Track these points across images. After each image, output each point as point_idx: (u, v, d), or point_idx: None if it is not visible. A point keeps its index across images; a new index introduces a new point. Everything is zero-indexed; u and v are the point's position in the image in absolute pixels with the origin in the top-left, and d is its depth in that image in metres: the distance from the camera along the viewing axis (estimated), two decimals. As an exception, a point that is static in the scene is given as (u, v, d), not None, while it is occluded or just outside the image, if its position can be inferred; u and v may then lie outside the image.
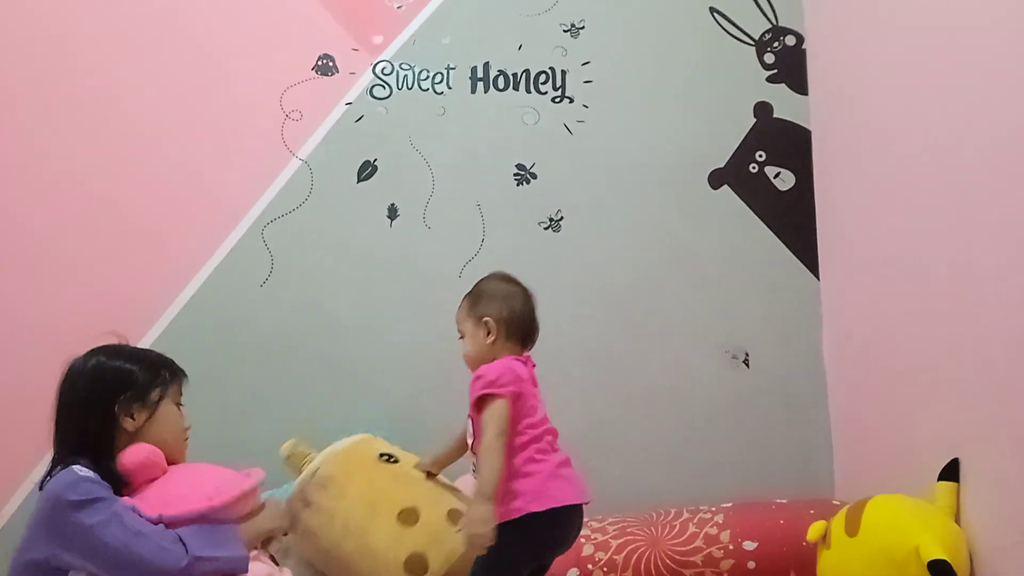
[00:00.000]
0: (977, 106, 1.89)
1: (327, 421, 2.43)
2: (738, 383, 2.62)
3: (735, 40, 2.73)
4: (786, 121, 2.71)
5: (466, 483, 1.91)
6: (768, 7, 2.74)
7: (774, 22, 2.74)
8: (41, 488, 1.50)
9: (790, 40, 2.74)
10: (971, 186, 1.91)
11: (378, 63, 2.65)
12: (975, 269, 1.90)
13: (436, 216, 2.61)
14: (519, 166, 2.65)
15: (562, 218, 2.64)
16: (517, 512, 1.65)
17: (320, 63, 2.63)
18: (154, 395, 1.61)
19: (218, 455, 1.66)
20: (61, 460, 1.52)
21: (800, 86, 2.72)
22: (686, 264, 2.65)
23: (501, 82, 2.67)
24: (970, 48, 1.91)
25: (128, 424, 1.57)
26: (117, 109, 2.54)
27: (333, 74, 2.63)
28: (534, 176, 2.65)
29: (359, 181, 2.61)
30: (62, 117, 2.51)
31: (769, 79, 2.72)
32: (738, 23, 2.73)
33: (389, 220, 2.60)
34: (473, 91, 2.66)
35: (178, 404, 1.67)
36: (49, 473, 1.50)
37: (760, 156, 2.70)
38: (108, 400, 1.57)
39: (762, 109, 2.71)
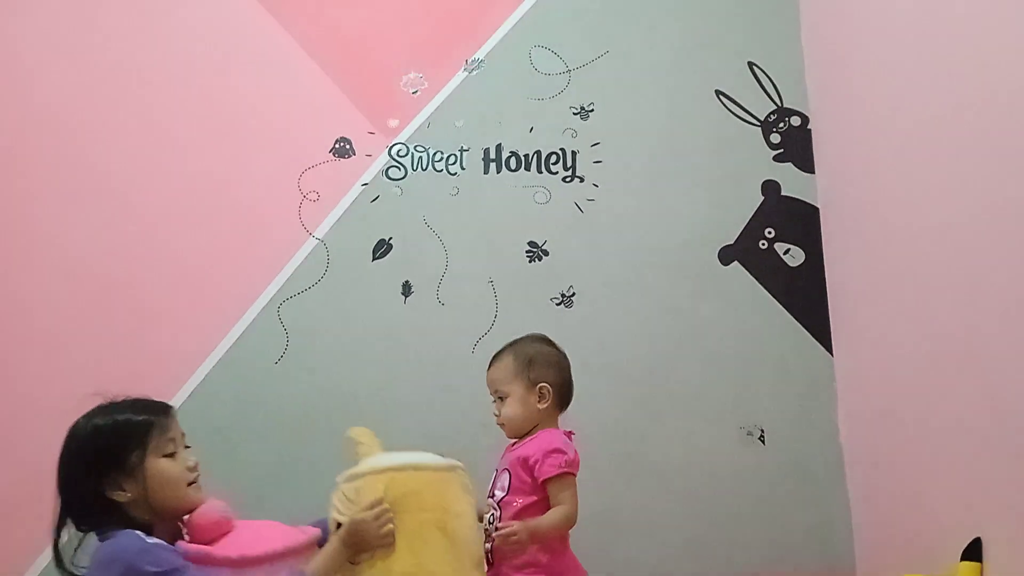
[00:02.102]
0: (982, 181, 1.92)
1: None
2: (754, 460, 2.59)
3: (741, 121, 2.79)
4: (794, 199, 2.75)
5: None
6: (773, 89, 2.82)
7: (779, 103, 2.81)
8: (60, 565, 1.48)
9: (795, 120, 2.80)
10: (980, 259, 1.93)
11: (394, 145, 2.72)
12: (991, 342, 1.89)
13: (449, 293, 2.64)
14: (531, 244, 2.69)
15: (574, 294, 2.66)
16: None
17: (337, 146, 2.71)
18: (134, 459, 1.52)
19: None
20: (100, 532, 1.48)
21: (806, 165, 2.77)
22: (698, 340, 2.65)
23: (513, 163, 2.74)
24: (974, 125, 1.95)
25: (121, 497, 1.50)
26: (140, 188, 2.60)
27: (350, 156, 2.70)
28: (546, 253, 2.69)
29: (374, 259, 2.65)
30: (79, 195, 2.57)
31: (776, 158, 2.78)
32: (744, 105, 2.80)
33: (403, 297, 2.63)
34: (486, 172, 2.73)
35: (169, 454, 1.56)
36: (78, 546, 1.50)
37: (769, 233, 2.74)
38: (94, 484, 1.50)
39: (770, 187, 2.76)
